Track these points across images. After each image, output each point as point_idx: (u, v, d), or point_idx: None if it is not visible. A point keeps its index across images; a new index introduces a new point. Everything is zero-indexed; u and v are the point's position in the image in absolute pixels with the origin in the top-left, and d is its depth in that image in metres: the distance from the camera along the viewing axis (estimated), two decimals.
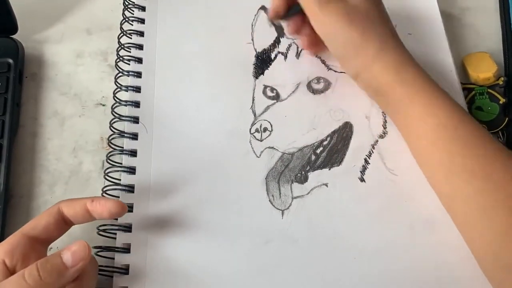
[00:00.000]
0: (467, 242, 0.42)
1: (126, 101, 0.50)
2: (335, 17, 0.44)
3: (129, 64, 0.53)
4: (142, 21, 0.56)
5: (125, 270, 0.43)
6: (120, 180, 0.47)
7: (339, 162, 0.48)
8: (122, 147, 0.48)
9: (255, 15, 0.57)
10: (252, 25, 0.56)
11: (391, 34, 0.45)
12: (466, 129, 0.42)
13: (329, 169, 0.48)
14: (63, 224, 0.42)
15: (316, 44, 0.49)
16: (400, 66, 0.44)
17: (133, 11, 0.56)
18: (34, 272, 0.36)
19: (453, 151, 0.42)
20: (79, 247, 0.38)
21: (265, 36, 0.55)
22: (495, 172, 0.40)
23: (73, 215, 0.42)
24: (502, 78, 0.52)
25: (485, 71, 0.52)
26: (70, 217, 0.42)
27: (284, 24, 0.52)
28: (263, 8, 0.57)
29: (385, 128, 0.49)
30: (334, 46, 0.46)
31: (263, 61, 0.54)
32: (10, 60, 0.53)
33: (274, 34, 0.55)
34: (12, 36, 0.55)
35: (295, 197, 0.46)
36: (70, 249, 0.38)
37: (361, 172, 0.47)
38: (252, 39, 0.55)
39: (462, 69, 0.54)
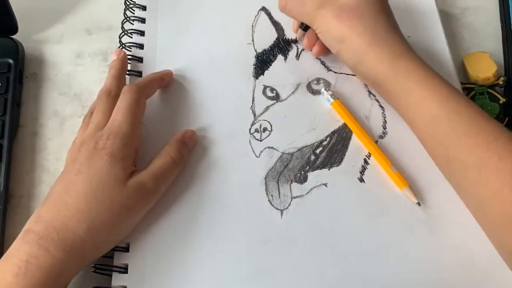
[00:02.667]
0: None
1: None
2: (327, 18, 0.48)
3: (129, 63, 0.54)
4: (143, 20, 0.57)
5: (124, 269, 0.45)
6: None
7: (339, 162, 0.49)
8: None
9: (255, 16, 0.58)
10: (252, 26, 0.58)
11: (384, 26, 0.47)
12: (461, 119, 0.43)
13: (329, 169, 0.49)
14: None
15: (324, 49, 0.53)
16: (396, 58, 0.46)
17: (134, 10, 0.58)
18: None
19: (447, 145, 0.43)
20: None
21: (265, 36, 0.57)
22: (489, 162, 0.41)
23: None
24: (502, 78, 0.53)
25: (485, 71, 0.53)
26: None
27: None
28: (263, 9, 0.58)
29: (384, 128, 0.51)
30: (331, 43, 0.49)
31: (263, 62, 0.55)
32: (10, 60, 0.54)
33: (274, 35, 0.57)
34: (12, 37, 0.56)
35: (294, 197, 0.48)
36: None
37: (360, 172, 0.49)
38: (253, 40, 0.57)
39: (462, 69, 0.55)
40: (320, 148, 0.50)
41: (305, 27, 0.53)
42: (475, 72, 0.53)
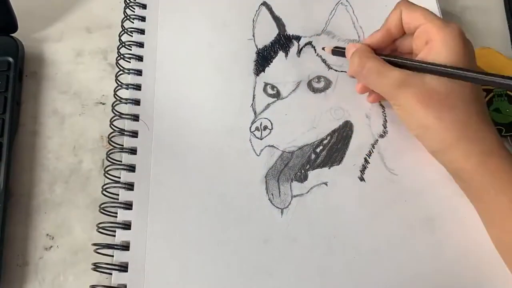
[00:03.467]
0: None
1: (126, 99, 0.52)
2: (412, 100, 0.43)
3: (129, 62, 0.55)
4: (143, 19, 0.57)
5: (124, 267, 0.45)
6: (120, 178, 0.49)
7: (339, 161, 0.50)
8: (122, 145, 0.50)
9: (256, 11, 0.58)
10: (253, 21, 0.58)
11: (476, 119, 0.43)
12: None
13: (329, 168, 0.49)
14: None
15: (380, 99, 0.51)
16: (486, 155, 0.42)
17: (134, 9, 0.58)
18: None
19: None
20: None
21: (266, 32, 0.57)
22: None
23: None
24: None
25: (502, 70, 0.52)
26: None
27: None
28: (264, 4, 0.58)
29: (385, 127, 0.51)
30: (411, 126, 0.46)
31: (264, 58, 0.55)
32: (10, 59, 0.54)
33: (275, 30, 0.57)
34: (12, 35, 0.56)
35: (295, 196, 0.48)
36: None
37: (361, 171, 0.49)
38: (253, 36, 0.57)
39: None
40: (321, 147, 0.50)
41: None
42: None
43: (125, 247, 0.46)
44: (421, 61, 0.44)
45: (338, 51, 0.52)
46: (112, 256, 0.46)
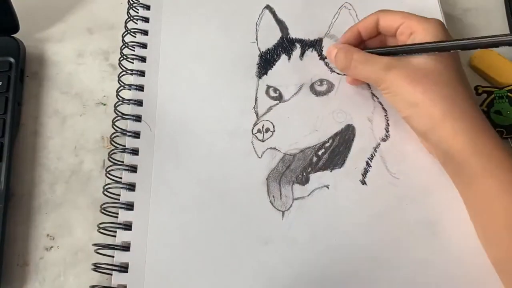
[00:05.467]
0: None
1: (129, 100, 0.53)
2: (399, 80, 0.46)
3: (132, 63, 0.56)
4: (146, 20, 0.58)
5: (124, 268, 0.46)
6: (121, 178, 0.50)
7: (341, 164, 0.51)
8: (124, 146, 0.51)
9: (259, 14, 0.59)
10: (256, 25, 0.58)
11: (461, 96, 0.45)
12: None
13: (331, 171, 0.50)
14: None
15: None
16: (475, 134, 0.43)
17: (138, 10, 0.59)
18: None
19: None
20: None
21: (269, 35, 0.58)
22: None
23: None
24: None
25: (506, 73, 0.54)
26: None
27: None
28: (267, 7, 0.59)
29: (387, 131, 0.52)
30: (400, 106, 0.47)
31: (266, 61, 0.56)
32: (12, 59, 0.55)
33: (278, 34, 0.58)
34: (13, 35, 0.57)
35: (296, 199, 0.49)
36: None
37: (362, 174, 0.50)
38: (256, 39, 0.58)
39: (470, 69, 0.56)
40: (323, 150, 0.51)
41: None
42: (497, 75, 0.54)
43: (126, 247, 0.47)
44: (404, 44, 0.48)
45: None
46: (113, 256, 0.47)
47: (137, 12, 0.59)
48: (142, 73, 0.55)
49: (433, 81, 0.45)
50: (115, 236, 0.47)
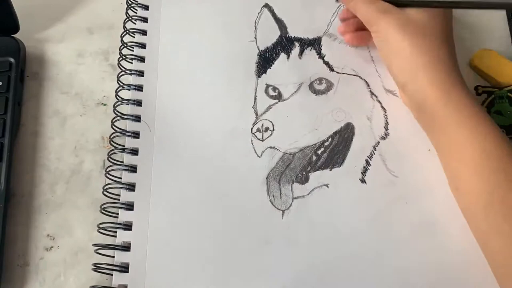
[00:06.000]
0: (500, 281, 0.43)
1: (128, 100, 0.53)
2: (390, 26, 0.48)
3: (131, 63, 0.56)
4: (145, 20, 0.58)
5: (125, 268, 0.46)
6: (121, 178, 0.50)
7: (340, 163, 0.51)
8: (124, 146, 0.51)
9: (258, 13, 0.59)
10: (255, 23, 0.58)
11: (444, 51, 0.47)
12: (510, 162, 0.42)
13: (330, 170, 0.50)
14: None
15: (359, 40, 0.55)
16: (450, 85, 0.45)
17: (136, 10, 0.59)
18: None
19: (495, 182, 0.42)
20: None
21: (268, 34, 0.58)
22: None
23: None
24: None
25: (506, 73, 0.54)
26: None
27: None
28: (266, 5, 0.59)
29: (386, 129, 0.52)
30: (386, 52, 0.49)
31: (265, 60, 0.56)
32: (12, 59, 0.55)
33: (277, 32, 0.58)
34: (13, 35, 0.57)
35: (296, 198, 0.49)
36: None
37: (362, 173, 0.50)
38: (255, 37, 0.58)
39: (470, 70, 0.56)
40: (322, 149, 0.51)
41: None
42: (497, 75, 0.54)
43: (126, 247, 0.47)
44: None
45: None
46: (113, 256, 0.47)
47: (136, 12, 0.59)
48: (141, 73, 0.55)
49: (423, 33, 0.47)
50: (115, 236, 0.48)
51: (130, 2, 0.59)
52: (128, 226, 0.48)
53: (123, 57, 0.56)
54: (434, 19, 0.47)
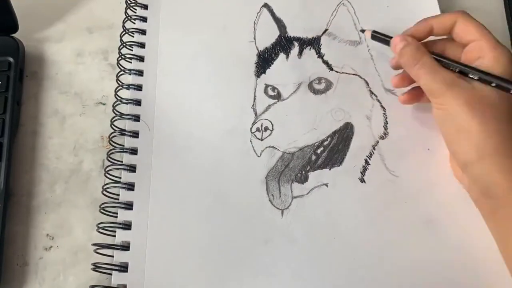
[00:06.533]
0: None
1: (127, 99, 0.53)
2: (458, 101, 0.44)
3: (130, 62, 0.56)
4: (144, 19, 0.58)
5: (124, 268, 0.46)
6: (120, 178, 0.50)
7: (340, 162, 0.51)
8: (123, 145, 0.51)
9: (257, 13, 0.59)
10: (254, 23, 0.58)
11: None
12: None
13: (330, 169, 0.50)
14: None
15: (415, 99, 0.52)
16: None
17: (136, 9, 0.59)
18: None
19: None
20: None
21: (267, 34, 0.58)
22: None
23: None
24: None
25: None
26: None
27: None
28: (265, 5, 0.59)
29: (386, 129, 0.52)
30: (449, 128, 0.46)
31: (265, 60, 0.56)
32: (11, 59, 0.55)
33: (276, 32, 0.58)
34: (12, 35, 0.57)
35: (295, 197, 0.49)
36: None
37: (361, 172, 0.50)
38: (254, 38, 0.58)
39: None
40: (321, 148, 0.51)
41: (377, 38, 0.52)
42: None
43: (125, 247, 0.47)
44: (481, 70, 0.45)
45: (379, 38, 0.51)
46: (112, 256, 0.47)
47: (135, 12, 0.59)
48: (140, 73, 0.55)
49: (493, 113, 0.43)
50: (114, 236, 0.48)
51: (129, 2, 0.59)
52: (127, 226, 0.48)
53: (123, 56, 0.56)
54: (505, 100, 0.44)
